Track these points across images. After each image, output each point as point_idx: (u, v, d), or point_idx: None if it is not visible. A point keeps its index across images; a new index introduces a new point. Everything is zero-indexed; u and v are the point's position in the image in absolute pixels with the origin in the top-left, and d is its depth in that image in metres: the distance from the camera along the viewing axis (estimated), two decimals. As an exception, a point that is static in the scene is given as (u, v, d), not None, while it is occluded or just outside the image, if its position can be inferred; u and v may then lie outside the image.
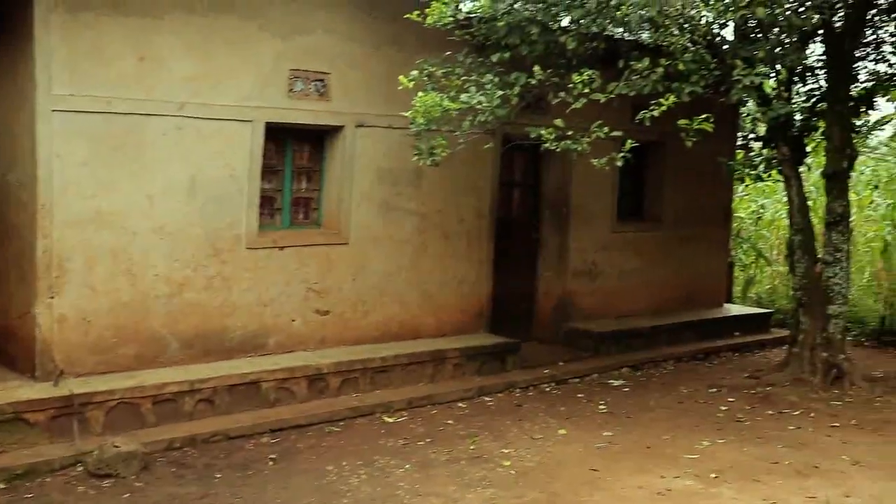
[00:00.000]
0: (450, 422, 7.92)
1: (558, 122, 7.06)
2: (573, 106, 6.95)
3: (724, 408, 8.53)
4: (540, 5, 7.08)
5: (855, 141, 9.95)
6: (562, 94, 7.10)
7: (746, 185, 13.25)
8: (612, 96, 7.02)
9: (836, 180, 9.26)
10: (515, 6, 7.34)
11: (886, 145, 13.89)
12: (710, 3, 6.79)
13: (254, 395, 7.73)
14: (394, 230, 9.09)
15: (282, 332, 8.40)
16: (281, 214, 8.64)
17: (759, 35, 8.56)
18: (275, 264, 8.32)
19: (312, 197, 8.87)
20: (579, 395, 8.92)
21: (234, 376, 7.64)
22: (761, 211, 15.70)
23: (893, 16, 9.54)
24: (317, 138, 8.77)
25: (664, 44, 7.34)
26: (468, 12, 7.29)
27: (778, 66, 9.24)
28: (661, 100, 6.85)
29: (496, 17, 7.46)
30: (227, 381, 7.57)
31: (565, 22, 7.85)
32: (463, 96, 7.11)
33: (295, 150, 8.70)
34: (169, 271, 7.68)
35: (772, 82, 9.69)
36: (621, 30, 8.01)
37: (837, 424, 7.95)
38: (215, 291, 7.98)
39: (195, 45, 7.62)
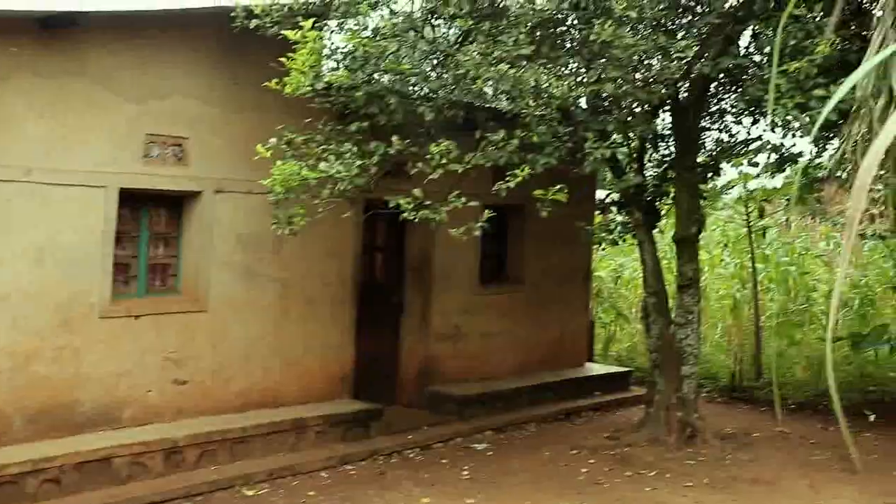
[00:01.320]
0: (311, 493, 7.76)
1: (416, 192, 7.13)
2: (430, 176, 7.03)
3: (584, 470, 8.66)
4: (398, 76, 7.19)
5: (704, 205, 10.41)
6: (420, 164, 7.17)
7: (603, 248, 13.65)
8: (469, 167, 7.14)
9: (686, 245, 9.64)
10: (374, 76, 7.42)
11: (732, 207, 14.58)
12: (562, 78, 7.03)
13: (105, 472, 7.40)
14: (255, 296, 8.95)
15: (137, 405, 8.11)
16: (136, 282, 8.39)
17: (611, 106, 8.91)
18: (129, 334, 8.06)
19: (170, 263, 8.66)
20: (443, 461, 8.91)
21: (83, 453, 7.31)
22: (620, 270, 16.19)
23: (734, 89, 10.08)
24: (175, 203, 8.60)
25: (521, 113, 7.56)
26: (328, 82, 7.31)
27: (630, 135, 9.64)
28: (517, 171, 7.01)
29: (356, 86, 7.52)
30: (76, 459, 7.23)
31: (425, 90, 8.00)
32: (322, 165, 7.11)
33: (151, 216, 8.51)
34: (14, 343, 7.33)
35: (625, 150, 10.07)
36: (479, 99, 8.21)
37: (691, 484, 8.18)
38: (65, 363, 7.65)
39: (44, 108, 7.40)
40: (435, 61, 7.76)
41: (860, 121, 4.10)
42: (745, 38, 9.47)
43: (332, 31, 7.73)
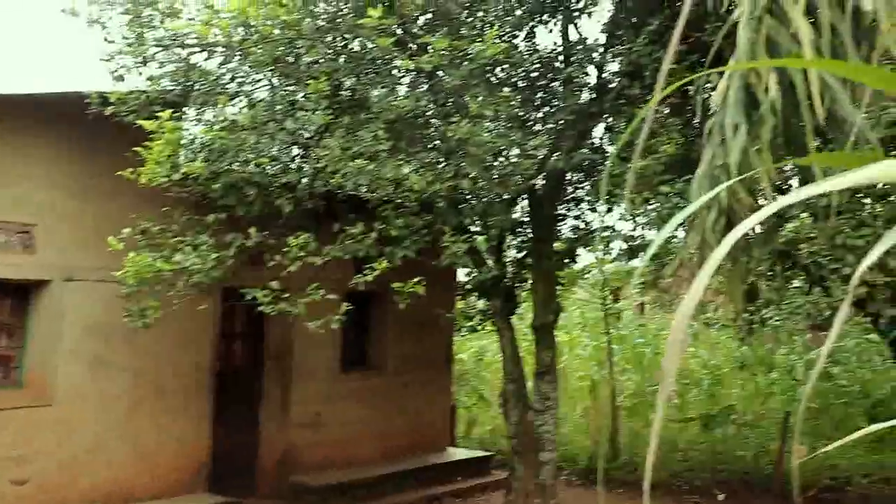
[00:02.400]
0: None
1: (273, 284, 7.08)
2: (289, 268, 7.01)
3: (444, 560, 8.60)
4: (257, 168, 7.17)
5: (561, 291, 10.68)
6: (277, 256, 7.14)
7: (463, 335, 13.81)
8: (328, 258, 7.15)
9: (544, 332, 9.84)
10: (233, 167, 7.37)
11: (589, 291, 15.07)
12: (419, 173, 7.16)
13: (-67, 582, 6.92)
14: (106, 388, 8.63)
15: (-29, 507, 7.64)
16: (-25, 375, 7.98)
17: (471, 196, 9.10)
18: (-34, 431, 7.62)
19: (13, 355, 8.27)
20: (301, 556, 8.70)
21: None
22: (482, 352, 16.39)
23: (588, 180, 10.48)
24: (21, 292, 8.26)
25: (379, 206, 7.65)
26: (185, 172, 7.22)
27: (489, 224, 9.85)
28: (375, 264, 7.07)
29: (213, 177, 7.46)
30: None
31: (285, 181, 8.00)
32: (177, 256, 6.99)
33: (-6, 305, 8.15)
34: None
35: (484, 238, 10.25)
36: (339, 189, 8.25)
37: (549, 572, 8.23)
38: None
39: None
40: (294, 152, 7.78)
41: (695, 231, 4.34)
42: (599, 129, 9.89)
43: (191, 121, 7.67)
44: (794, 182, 8.26)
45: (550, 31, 9.62)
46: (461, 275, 12.86)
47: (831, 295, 7.93)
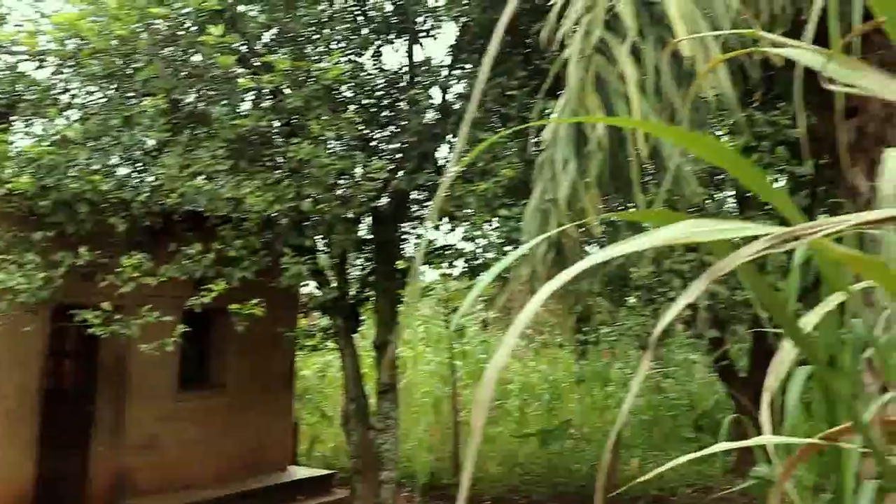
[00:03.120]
0: None
1: (106, 305, 6.85)
2: (122, 290, 6.79)
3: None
4: (88, 185, 6.90)
5: (404, 310, 10.74)
6: (110, 276, 6.90)
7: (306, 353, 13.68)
8: (165, 279, 6.97)
9: (385, 351, 9.90)
10: (63, 182, 7.07)
11: (432, 308, 15.23)
12: (259, 194, 7.08)
13: None
14: (-81, 413, 8.10)
15: None
16: None
17: (314, 216, 9.07)
18: None
19: None
20: (132, 584, 8.40)
21: None
22: (326, 368, 16.28)
23: (430, 199, 10.61)
24: None
25: (218, 226, 7.51)
26: (10, 188, 6.87)
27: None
28: (212, 285, 6.94)
29: (42, 192, 7.13)
30: None
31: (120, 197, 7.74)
32: (0, 275, 6.65)
33: None
34: None
35: (326, 258, 10.23)
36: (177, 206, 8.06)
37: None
38: None
39: None
40: (130, 169, 7.55)
41: (527, 262, 4.48)
42: (443, 150, 10.02)
43: (18, 133, 7.33)
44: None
45: (397, 50, 9.71)
46: (304, 291, 12.78)
47: (658, 317, 8.30)
